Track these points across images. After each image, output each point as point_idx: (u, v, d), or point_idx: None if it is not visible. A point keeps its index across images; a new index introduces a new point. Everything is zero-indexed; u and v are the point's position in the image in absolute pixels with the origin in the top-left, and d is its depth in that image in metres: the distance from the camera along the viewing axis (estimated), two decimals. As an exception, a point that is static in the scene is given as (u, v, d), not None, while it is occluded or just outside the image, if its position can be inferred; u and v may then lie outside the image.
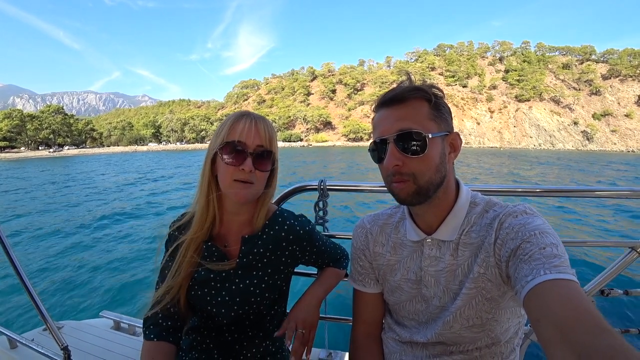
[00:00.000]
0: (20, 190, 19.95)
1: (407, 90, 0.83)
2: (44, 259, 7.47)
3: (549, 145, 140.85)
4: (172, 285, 1.00)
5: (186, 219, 1.08)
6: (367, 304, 1.09)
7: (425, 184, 0.83)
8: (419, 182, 0.83)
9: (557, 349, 0.53)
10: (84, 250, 8.08)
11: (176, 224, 1.09)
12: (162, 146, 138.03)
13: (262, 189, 1.02)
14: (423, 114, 0.83)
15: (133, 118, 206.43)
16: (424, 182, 0.83)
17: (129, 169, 35.07)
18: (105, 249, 8.16)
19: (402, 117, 0.83)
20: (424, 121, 0.82)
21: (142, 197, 16.46)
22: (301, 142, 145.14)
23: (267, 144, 0.98)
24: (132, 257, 7.49)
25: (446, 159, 0.86)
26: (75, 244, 8.66)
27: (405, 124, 0.82)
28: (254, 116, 0.99)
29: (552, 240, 0.71)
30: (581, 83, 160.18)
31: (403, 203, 0.89)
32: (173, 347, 1.02)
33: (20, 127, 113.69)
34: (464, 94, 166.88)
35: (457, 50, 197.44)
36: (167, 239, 1.09)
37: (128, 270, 6.68)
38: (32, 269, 6.83)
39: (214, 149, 0.98)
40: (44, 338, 1.75)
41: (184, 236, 1.03)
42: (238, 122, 0.96)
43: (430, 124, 0.82)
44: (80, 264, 7.09)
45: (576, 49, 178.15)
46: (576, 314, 0.54)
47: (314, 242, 1.13)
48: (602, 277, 1.35)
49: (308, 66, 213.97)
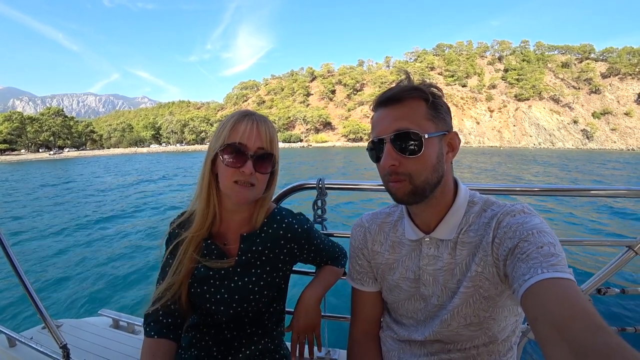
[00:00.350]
0: (19, 191, 20.03)
1: (405, 90, 0.83)
2: (43, 258, 7.48)
3: (548, 144, 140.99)
4: (173, 282, 1.01)
5: (186, 217, 1.08)
6: (365, 303, 1.10)
7: (422, 184, 0.83)
8: (415, 182, 0.83)
9: (554, 347, 0.53)
10: (83, 249, 8.10)
11: (176, 221, 1.10)
12: (162, 148, 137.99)
13: (262, 190, 1.02)
14: (420, 114, 0.83)
15: (133, 120, 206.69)
16: (420, 182, 0.83)
17: (129, 172, 35.10)
18: (104, 248, 8.18)
19: (399, 117, 0.83)
20: (421, 121, 0.82)
21: (141, 197, 16.56)
22: (301, 142, 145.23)
23: (268, 146, 0.98)
24: (131, 256, 7.51)
25: (444, 159, 0.86)
26: (74, 242, 8.67)
27: (402, 124, 0.82)
28: (256, 117, 0.98)
29: (550, 239, 0.71)
30: (580, 82, 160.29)
31: (400, 202, 0.89)
32: (173, 345, 1.02)
33: (20, 130, 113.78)
34: (463, 94, 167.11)
35: (457, 50, 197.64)
36: (167, 237, 1.10)
37: (127, 269, 6.69)
38: (31, 267, 6.85)
39: (214, 150, 0.97)
40: (43, 336, 1.73)
41: (184, 234, 1.03)
42: (240, 123, 0.95)
43: (427, 124, 0.83)
44: (79, 263, 7.12)
45: (575, 48, 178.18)
46: (573, 312, 0.55)
47: (313, 241, 1.13)
48: (599, 276, 1.36)
49: (307, 67, 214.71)
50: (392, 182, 0.85)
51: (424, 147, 0.81)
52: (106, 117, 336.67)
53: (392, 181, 0.85)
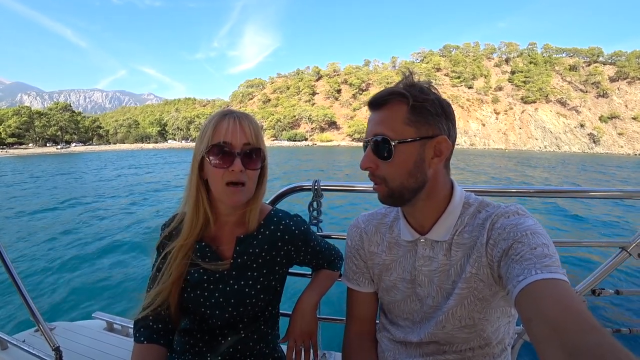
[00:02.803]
0: (14, 188, 19.80)
1: (387, 94, 0.84)
2: (37, 259, 7.35)
3: (554, 148, 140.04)
4: (162, 289, 1.00)
5: (177, 222, 1.06)
6: (361, 303, 1.10)
7: (398, 188, 0.84)
8: (389, 186, 0.85)
9: (548, 347, 0.54)
10: (77, 251, 7.94)
11: (167, 226, 1.08)
12: (167, 144, 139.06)
13: (254, 188, 1.01)
14: (399, 119, 0.82)
15: (139, 116, 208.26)
16: (396, 185, 0.84)
17: (128, 168, 35.20)
18: (98, 250, 8.05)
19: (379, 122, 0.84)
20: (399, 126, 0.82)
21: (136, 197, 16.33)
22: (306, 141, 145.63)
23: (253, 141, 0.96)
24: (125, 258, 7.42)
25: (425, 164, 0.84)
26: (69, 244, 8.52)
27: (378, 129, 0.83)
28: (236, 114, 0.97)
29: (543, 240, 0.72)
30: (588, 85, 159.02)
31: (383, 203, 0.91)
32: (163, 350, 1.00)
33: (28, 124, 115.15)
34: (469, 95, 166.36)
35: (463, 51, 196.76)
36: (158, 242, 1.08)
37: (121, 271, 6.63)
38: (24, 269, 6.75)
39: (200, 154, 0.95)
40: (36, 339, 1.70)
41: (174, 242, 1.01)
42: (221, 123, 0.94)
43: (404, 129, 0.82)
44: (73, 265, 7.00)
45: (583, 51, 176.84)
46: (567, 313, 0.55)
47: (309, 242, 1.13)
48: (593, 277, 1.37)
49: (313, 66, 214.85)
50: (374, 184, 0.88)
51: (395, 153, 0.82)
52: (112, 113, 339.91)
53: (373, 183, 0.88)
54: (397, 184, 0.84)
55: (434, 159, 0.86)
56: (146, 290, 1.04)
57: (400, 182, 0.84)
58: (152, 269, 1.07)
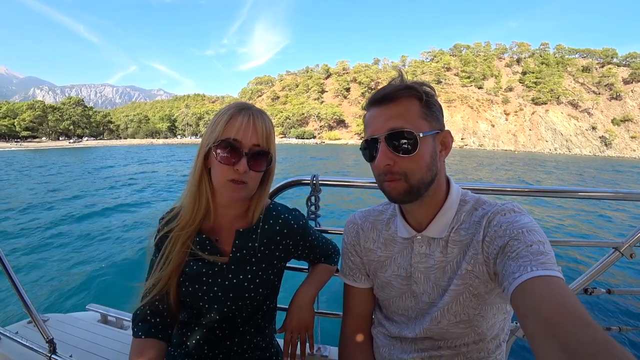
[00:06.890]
0: (6, 181, 19.75)
1: (398, 89, 0.83)
2: (30, 251, 7.31)
3: (565, 150, 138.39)
4: (160, 278, 0.98)
5: (175, 213, 1.05)
6: (358, 299, 1.11)
7: (417, 183, 0.83)
8: (410, 181, 0.83)
9: (543, 343, 0.55)
10: (70, 242, 7.90)
11: (165, 218, 1.07)
12: (177, 140, 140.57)
13: (256, 187, 1.00)
14: (414, 113, 0.83)
15: (149, 111, 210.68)
16: (416, 181, 0.83)
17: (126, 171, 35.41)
18: (92, 241, 8.00)
19: (393, 116, 0.83)
20: (415, 120, 0.82)
21: (132, 191, 16.38)
22: (314, 139, 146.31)
23: (264, 143, 0.95)
24: (120, 250, 7.38)
25: (437, 157, 0.86)
26: (62, 235, 8.47)
27: (396, 123, 0.82)
28: (253, 111, 0.95)
29: (539, 237, 0.73)
30: (601, 87, 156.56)
31: (395, 201, 0.90)
32: (163, 345, 0.98)
33: (42, 118, 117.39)
34: (479, 96, 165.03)
35: (474, 51, 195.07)
36: (156, 233, 1.06)
37: (116, 263, 6.58)
38: (17, 260, 6.67)
39: (208, 145, 0.94)
40: (29, 331, 1.69)
41: (171, 229, 1.01)
42: (236, 117, 0.92)
43: (421, 123, 0.82)
44: (67, 256, 6.94)
45: (597, 52, 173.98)
46: (562, 309, 0.56)
47: (307, 237, 1.13)
48: (586, 276, 1.39)
49: (322, 64, 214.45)
50: (387, 182, 0.85)
51: (419, 146, 0.81)
52: (123, 108, 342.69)
53: (387, 180, 0.85)
54: (418, 178, 0.83)
55: (442, 152, 0.88)
56: (144, 283, 1.03)
57: (421, 176, 0.83)
58: (150, 260, 1.05)
